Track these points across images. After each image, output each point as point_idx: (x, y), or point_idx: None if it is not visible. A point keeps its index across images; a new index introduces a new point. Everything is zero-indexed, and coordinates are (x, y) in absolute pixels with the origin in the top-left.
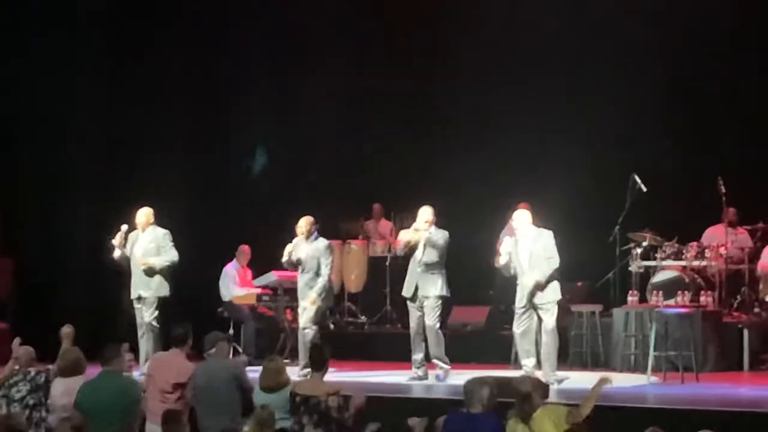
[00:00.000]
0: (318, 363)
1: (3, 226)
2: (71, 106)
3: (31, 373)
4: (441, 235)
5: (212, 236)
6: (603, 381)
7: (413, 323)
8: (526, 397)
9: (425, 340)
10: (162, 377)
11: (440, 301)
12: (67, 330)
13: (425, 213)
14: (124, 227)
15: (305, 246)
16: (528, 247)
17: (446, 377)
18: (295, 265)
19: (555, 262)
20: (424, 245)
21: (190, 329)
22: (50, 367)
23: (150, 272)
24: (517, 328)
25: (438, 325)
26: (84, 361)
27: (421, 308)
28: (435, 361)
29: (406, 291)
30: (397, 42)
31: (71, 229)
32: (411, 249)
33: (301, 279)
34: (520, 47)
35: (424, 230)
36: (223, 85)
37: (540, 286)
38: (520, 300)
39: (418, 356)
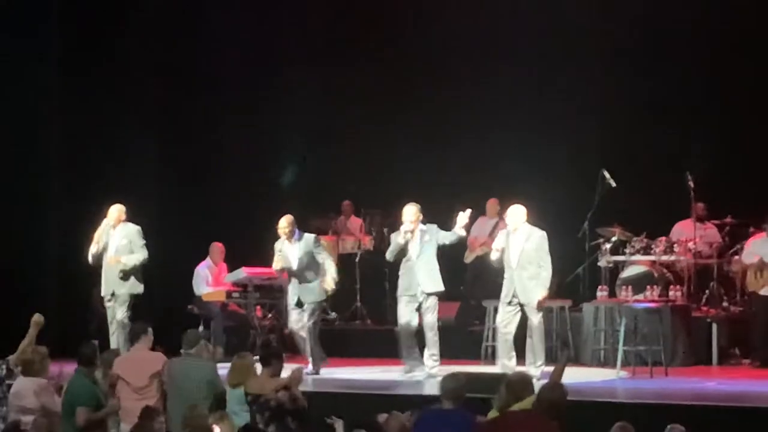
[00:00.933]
0: (267, 360)
1: None
2: (44, 104)
3: None
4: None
5: (185, 231)
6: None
7: (404, 321)
8: (518, 390)
9: (416, 336)
10: (134, 376)
11: (438, 297)
12: (37, 319)
13: (412, 210)
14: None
15: (291, 248)
16: (519, 245)
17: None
18: (287, 270)
19: (549, 268)
20: (421, 242)
21: (145, 325)
22: (10, 357)
23: (125, 273)
24: (501, 322)
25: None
26: (39, 363)
27: (416, 305)
28: (434, 356)
29: (408, 289)
30: (371, 38)
31: (42, 227)
32: (402, 248)
33: (296, 282)
34: (493, 44)
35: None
36: (201, 78)
37: (544, 300)
38: (506, 296)
39: (412, 353)
